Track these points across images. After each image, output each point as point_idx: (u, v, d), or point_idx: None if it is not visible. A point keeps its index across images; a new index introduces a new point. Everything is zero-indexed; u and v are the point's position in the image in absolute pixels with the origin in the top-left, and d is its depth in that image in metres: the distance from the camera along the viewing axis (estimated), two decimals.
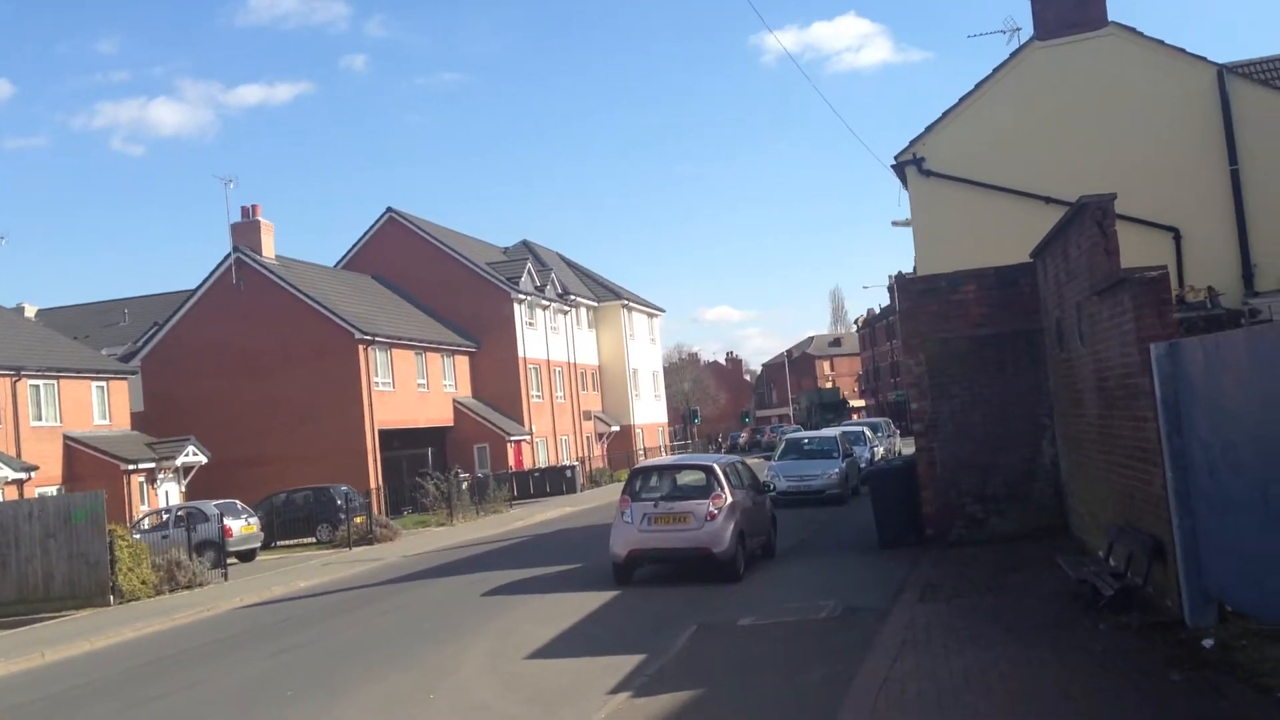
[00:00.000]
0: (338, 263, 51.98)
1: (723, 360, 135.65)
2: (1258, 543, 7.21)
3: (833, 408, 71.55)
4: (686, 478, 17.29)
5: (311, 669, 12.61)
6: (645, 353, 67.04)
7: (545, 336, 54.25)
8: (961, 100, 19.75)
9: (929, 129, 19.77)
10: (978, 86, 19.71)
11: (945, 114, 19.79)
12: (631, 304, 64.71)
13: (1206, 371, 8.19)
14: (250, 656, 14.07)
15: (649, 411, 66.45)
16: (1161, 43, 18.71)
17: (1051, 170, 18.47)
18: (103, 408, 36.17)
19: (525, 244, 62.57)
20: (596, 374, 61.84)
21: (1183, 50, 18.64)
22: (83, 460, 33.74)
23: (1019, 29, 23.90)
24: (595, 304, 62.09)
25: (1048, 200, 18.09)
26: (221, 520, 26.76)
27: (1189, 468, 8.73)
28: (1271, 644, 7.80)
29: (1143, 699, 7.37)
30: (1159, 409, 9.02)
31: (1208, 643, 8.24)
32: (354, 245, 53.17)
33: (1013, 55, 19.73)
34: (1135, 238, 15.89)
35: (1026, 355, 16.13)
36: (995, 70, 19.63)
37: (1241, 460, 7.47)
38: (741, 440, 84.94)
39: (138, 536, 23.92)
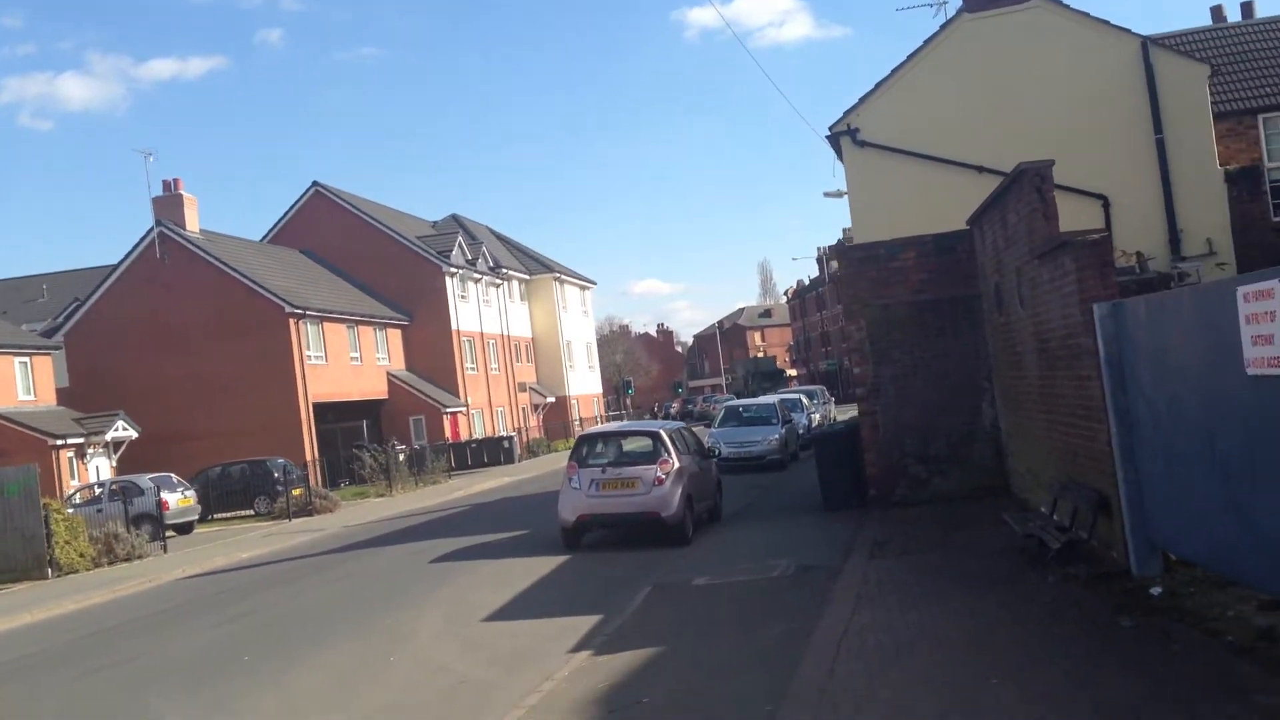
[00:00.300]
0: (264, 237, 51.10)
1: (654, 332, 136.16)
2: (1204, 491, 7.52)
3: (769, 376, 72.19)
4: (633, 444, 17.43)
5: (263, 636, 12.55)
6: (578, 324, 67.01)
7: (478, 309, 53.98)
8: (894, 71, 19.99)
9: (863, 100, 19.99)
10: (910, 58, 19.96)
11: (878, 85, 20.02)
12: (563, 276, 64.58)
13: (1150, 330, 8.48)
14: (199, 625, 13.96)
15: (583, 383, 66.52)
16: (1087, 15, 19.13)
17: (984, 140, 18.80)
18: (26, 383, 35.24)
19: (455, 218, 62.03)
20: (530, 346, 61.70)
21: (1107, 22, 19.10)
22: (8, 436, 32.86)
23: (946, 2, 24.37)
24: (527, 277, 61.87)
25: (980, 169, 18.45)
26: (158, 493, 26.35)
27: (1133, 423, 9.05)
28: (1218, 590, 8.15)
29: (1095, 644, 7.67)
30: (1103, 367, 9.31)
31: (1155, 590, 8.58)
32: (280, 219, 52.34)
33: (943, 27, 20.03)
34: (1066, 205, 16.14)
35: (965, 320, 16.49)
36: (926, 42, 19.90)
37: (1187, 413, 7.78)
38: (674, 410, 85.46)
39: (71, 511, 23.45)
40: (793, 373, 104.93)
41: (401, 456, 36.80)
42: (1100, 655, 7.39)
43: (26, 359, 35.44)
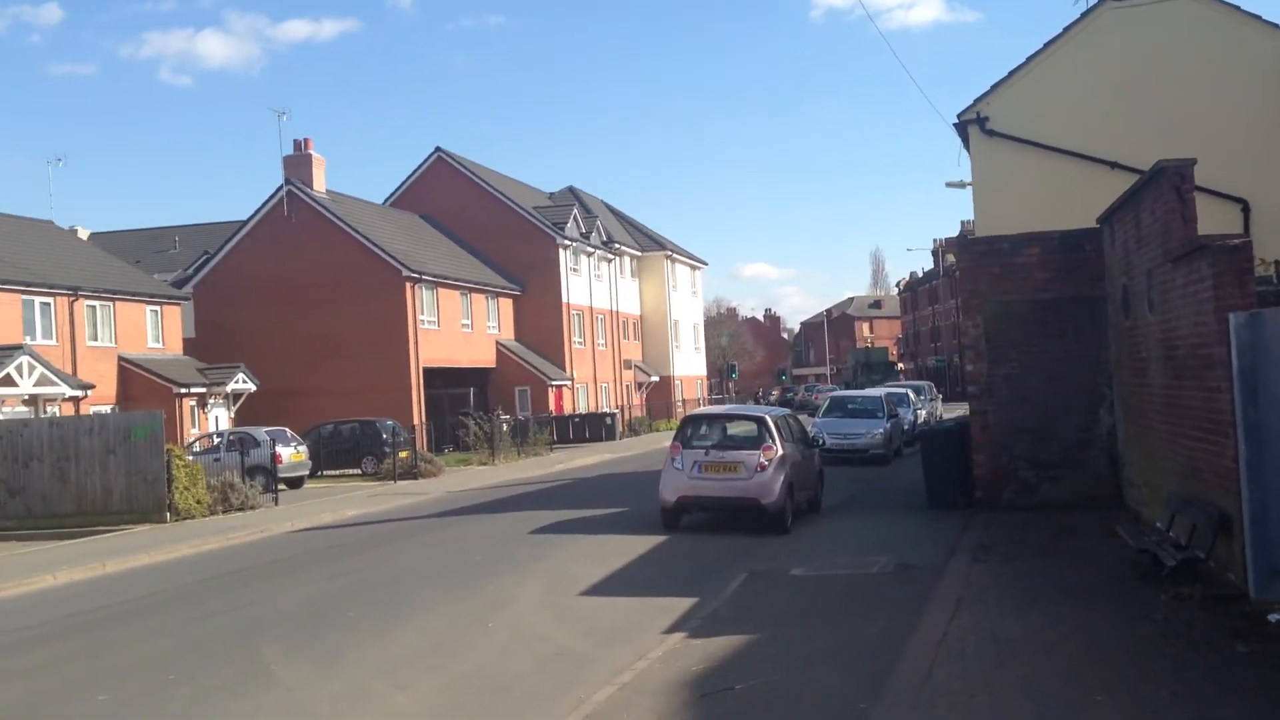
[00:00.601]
0: (385, 200, 52.13)
1: (761, 317, 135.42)
2: None
3: (879, 368, 70.13)
4: (738, 428, 17.38)
5: (367, 594, 12.89)
6: (687, 304, 66.96)
7: (589, 283, 54.31)
8: (1029, 59, 19.43)
9: (994, 87, 19.48)
10: (1046, 46, 19.38)
11: (1012, 73, 19.49)
12: (675, 255, 64.55)
13: None
14: (307, 578, 14.41)
15: (688, 363, 66.52)
16: (1237, 8, 18.32)
17: (1119, 135, 18.20)
18: (156, 331, 36.70)
19: (571, 190, 62.40)
20: (638, 323, 61.89)
21: (1259, 17, 18.27)
22: (136, 381, 34.31)
23: None
24: (639, 253, 61.99)
25: (1113, 165, 17.88)
26: (273, 447, 27.22)
27: (1263, 440, 8.68)
28: None
29: (1208, 667, 7.41)
30: (1235, 379, 8.94)
31: (1274, 617, 8.25)
32: (402, 184, 53.28)
33: (1084, 15, 19.37)
34: (1203, 207, 15.55)
35: (1088, 321, 16.01)
36: (1065, 30, 19.29)
37: None
38: (773, 397, 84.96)
39: (190, 458, 24.34)
40: (902, 366, 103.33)
41: (505, 426, 37.30)
42: (1212, 679, 7.14)
43: (158, 308, 36.89)
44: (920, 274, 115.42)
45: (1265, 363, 8.63)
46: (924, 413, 36.05)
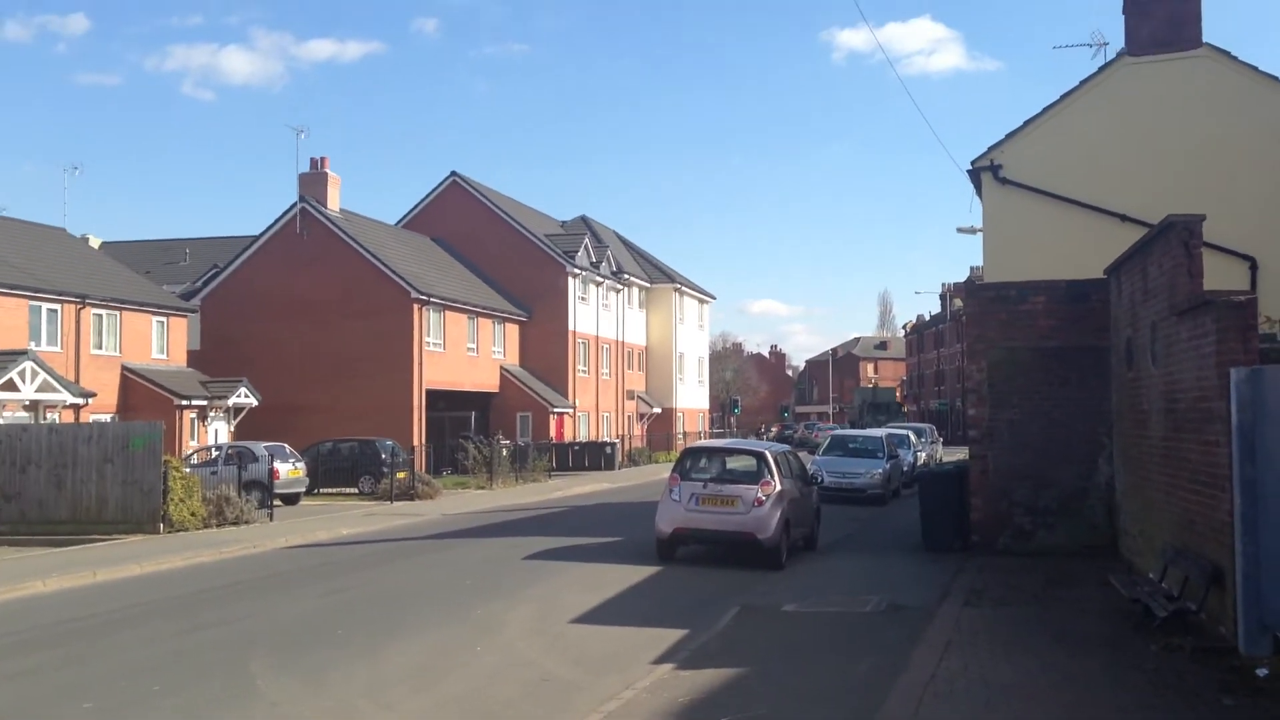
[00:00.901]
0: (398, 221, 52.37)
1: (766, 353, 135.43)
2: None
3: (885, 408, 70.45)
4: (737, 462, 17.37)
5: (358, 613, 12.86)
6: (693, 338, 67.05)
7: (596, 312, 54.44)
8: (1045, 110, 19.55)
9: (1009, 136, 19.60)
10: (1063, 97, 19.50)
11: (1027, 123, 19.60)
12: (683, 288, 64.71)
13: None
14: (299, 595, 14.37)
15: (691, 396, 66.52)
16: (1255, 69, 18.41)
17: (1130, 188, 18.27)
18: (161, 342, 36.80)
19: (584, 219, 62.70)
20: (643, 354, 61.98)
21: (1275, 78, 18.35)
22: (138, 392, 34.37)
23: (1106, 44, 23.60)
24: (648, 284, 62.17)
25: (1124, 218, 17.93)
26: (270, 462, 27.22)
27: (1259, 496, 8.68)
28: None
29: (1194, 718, 7.37)
30: (1234, 434, 8.95)
31: (1262, 672, 8.22)
32: (416, 206, 53.55)
33: (1101, 69, 19.51)
34: (1210, 263, 15.59)
35: (1092, 371, 16.02)
36: (1082, 82, 19.41)
37: None
38: (771, 434, 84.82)
39: (188, 470, 24.34)
40: (907, 408, 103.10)
41: (505, 451, 37.27)
42: None
43: (164, 319, 37.01)
44: (927, 317, 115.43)
45: (1265, 419, 8.64)
46: (924, 455, 36.03)
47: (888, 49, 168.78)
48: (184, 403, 34.64)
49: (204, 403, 35.73)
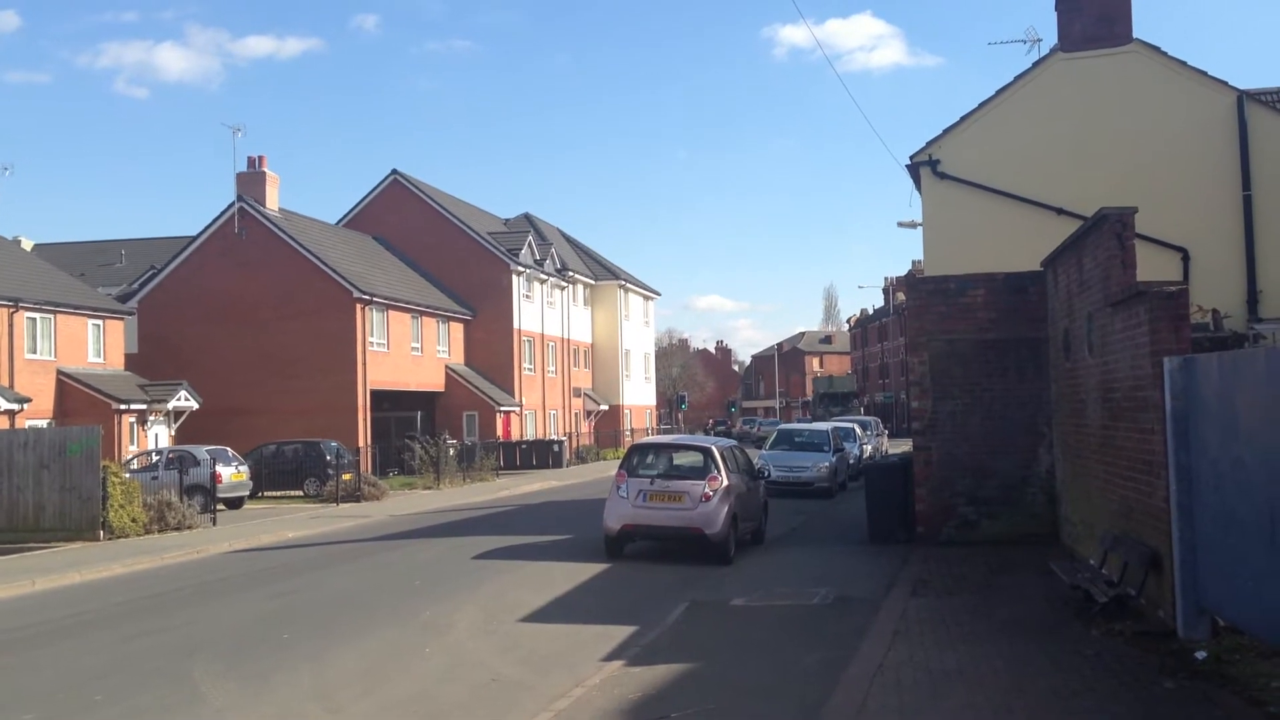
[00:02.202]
0: (339, 221, 51.82)
1: (712, 349, 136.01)
2: (1262, 559, 7.34)
3: (840, 399, 69.26)
4: (684, 458, 17.42)
5: (304, 616, 12.72)
6: (639, 334, 67.12)
7: (541, 310, 54.30)
8: (981, 105, 19.81)
9: (946, 131, 19.84)
10: (998, 93, 19.77)
11: (964, 118, 19.86)
12: (628, 285, 64.75)
13: (1221, 388, 8.32)
14: (243, 600, 14.18)
15: (638, 393, 66.60)
16: (1184, 64, 18.80)
17: (1065, 182, 18.59)
18: (98, 346, 36.07)
19: (527, 217, 62.48)
20: (589, 352, 61.92)
21: (1204, 73, 18.74)
22: (75, 396, 33.68)
23: (1040, 40, 24.05)
24: (593, 282, 62.12)
25: (1060, 211, 18.26)
26: (213, 466, 26.82)
27: (1193, 482, 8.87)
28: (1264, 659, 7.97)
29: (1135, 701, 7.53)
30: (1168, 422, 9.16)
31: (1200, 654, 8.40)
32: (357, 205, 53.04)
33: (1035, 65, 19.82)
34: (1145, 255, 15.92)
35: (1030, 362, 16.28)
36: (1017, 78, 19.69)
37: (1250, 478, 7.60)
38: (707, 428, 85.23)
39: (128, 476, 23.90)
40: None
41: (452, 451, 37.05)
42: (1139, 714, 7.26)
43: (100, 322, 36.29)
44: (871, 311, 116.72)
45: (1197, 407, 8.82)
46: (870, 447, 36.36)
47: (830, 45, 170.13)
48: (123, 407, 34.01)
49: (143, 406, 35.11)
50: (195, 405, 36.72)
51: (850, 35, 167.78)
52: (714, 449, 16.99)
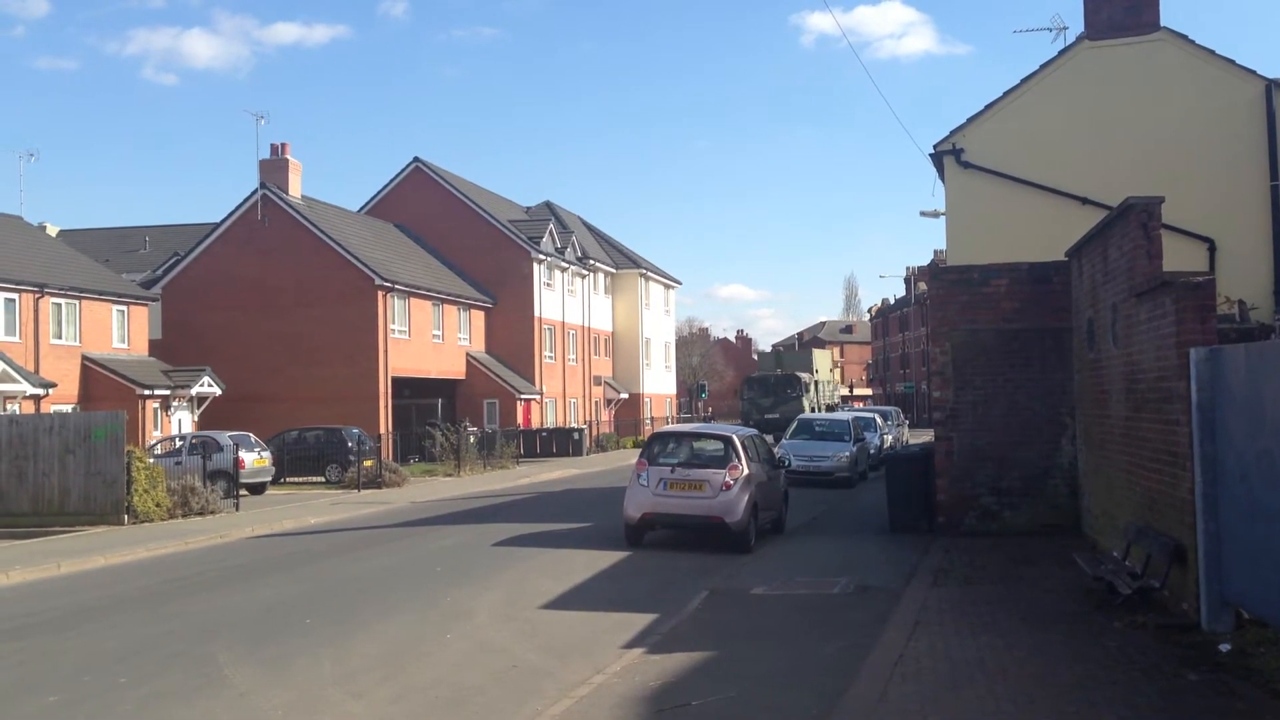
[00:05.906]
0: (361, 208, 51.98)
1: (733, 338, 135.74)
2: None
3: (771, 387, 52.38)
4: (705, 446, 17.41)
5: (326, 602, 12.79)
6: (659, 323, 67.07)
7: (562, 298, 54.32)
8: (1006, 94, 19.65)
9: (970, 120, 19.69)
10: (1023, 81, 19.59)
11: (988, 107, 19.71)
12: (649, 273, 64.68)
13: (1248, 379, 8.25)
14: (265, 584, 14.27)
15: (659, 382, 66.59)
16: (1212, 52, 18.59)
17: (1090, 171, 18.43)
18: (122, 331, 36.36)
19: (548, 205, 62.49)
20: (609, 340, 61.93)
21: (1232, 61, 18.53)
22: (99, 382, 33.95)
23: (1066, 28, 23.78)
24: (613, 270, 62.09)
25: (1084, 201, 18.10)
26: (236, 452, 26.99)
27: (1219, 473, 8.80)
28: None
29: (1158, 694, 7.48)
30: (1193, 413, 9.08)
31: (1224, 647, 8.35)
32: (379, 192, 53.17)
33: (1061, 53, 19.63)
34: (1170, 245, 15.77)
35: (1053, 352, 16.18)
36: (1042, 67, 19.51)
37: (1277, 470, 7.54)
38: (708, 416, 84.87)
39: (151, 460, 24.10)
40: (865, 391, 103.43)
41: (472, 438, 37.19)
42: (1162, 707, 7.21)
43: (124, 308, 36.55)
44: (892, 301, 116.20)
45: (1223, 398, 8.75)
46: (890, 437, 36.28)
47: (859, 32, 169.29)
48: (146, 392, 34.26)
49: (166, 392, 35.36)
50: (218, 391, 36.95)
51: (880, 22, 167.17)
52: (734, 437, 16.98)
